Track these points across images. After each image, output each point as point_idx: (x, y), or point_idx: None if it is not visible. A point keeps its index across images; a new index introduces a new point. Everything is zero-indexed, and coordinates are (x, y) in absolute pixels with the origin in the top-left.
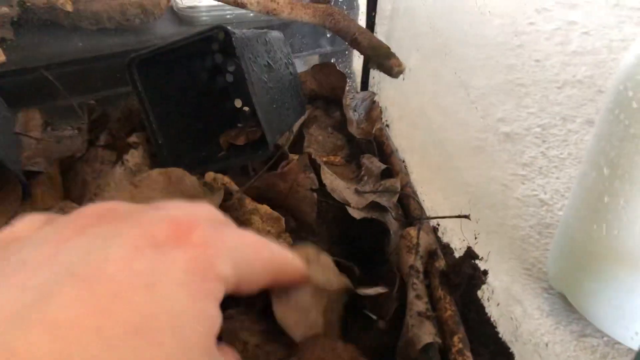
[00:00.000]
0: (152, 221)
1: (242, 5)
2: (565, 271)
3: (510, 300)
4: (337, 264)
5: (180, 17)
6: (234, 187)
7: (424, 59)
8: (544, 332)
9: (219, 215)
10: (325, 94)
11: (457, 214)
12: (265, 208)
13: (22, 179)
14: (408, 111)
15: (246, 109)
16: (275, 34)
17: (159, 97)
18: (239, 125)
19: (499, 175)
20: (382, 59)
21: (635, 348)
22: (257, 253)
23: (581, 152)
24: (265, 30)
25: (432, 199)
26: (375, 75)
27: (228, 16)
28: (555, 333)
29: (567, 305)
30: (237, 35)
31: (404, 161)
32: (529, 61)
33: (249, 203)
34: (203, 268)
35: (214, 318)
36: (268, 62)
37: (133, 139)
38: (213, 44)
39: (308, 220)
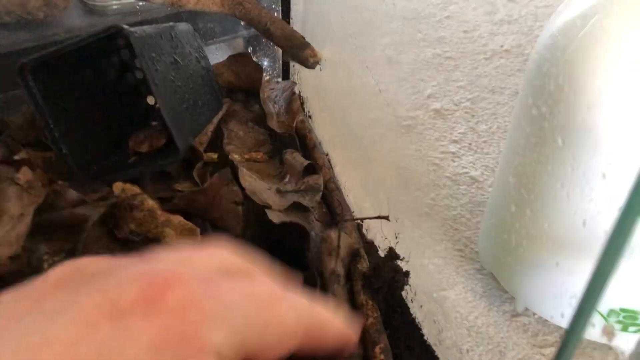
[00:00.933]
0: (120, 282)
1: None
2: (493, 251)
3: (444, 284)
4: None
5: (89, 7)
6: (145, 198)
7: (351, 43)
8: (478, 314)
9: (237, 262)
10: (244, 86)
11: (379, 209)
12: (178, 219)
13: None
14: (329, 101)
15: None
16: (183, 26)
17: (61, 101)
18: (154, 123)
19: (430, 154)
20: (296, 50)
21: (564, 326)
22: (269, 309)
23: (510, 125)
24: (171, 24)
25: (355, 193)
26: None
27: (138, 5)
28: (488, 315)
29: (499, 286)
30: (136, 34)
31: (327, 154)
32: (458, 33)
33: (161, 215)
34: (179, 340)
35: None
36: (175, 59)
37: (22, 154)
38: (118, 41)
39: (233, 234)
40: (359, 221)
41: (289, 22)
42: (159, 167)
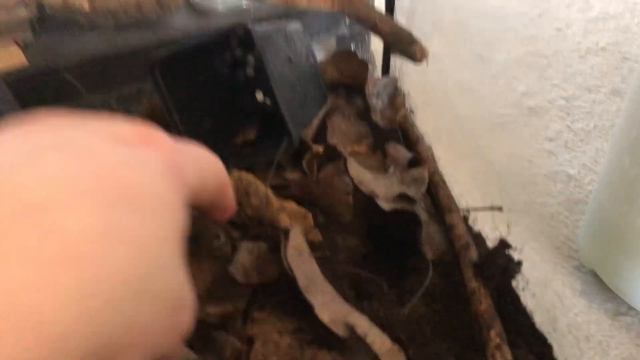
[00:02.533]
0: (116, 124)
1: None
2: (597, 249)
3: (541, 281)
4: (363, 280)
5: (196, 8)
6: (259, 184)
7: (446, 40)
8: (578, 312)
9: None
10: (347, 82)
11: (488, 199)
12: (292, 205)
13: None
14: (432, 96)
15: (268, 101)
16: (295, 25)
17: (181, 94)
18: (262, 117)
19: (525, 152)
20: (404, 46)
21: None
22: (210, 165)
23: (607, 124)
24: (284, 22)
25: (461, 185)
26: (397, 59)
27: (244, 6)
28: (589, 312)
29: (599, 283)
30: (258, 32)
31: (430, 148)
32: (550, 30)
33: (276, 201)
34: (174, 167)
35: (184, 219)
36: (289, 56)
37: None
38: (232, 39)
39: (343, 221)
40: (466, 213)
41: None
42: (271, 157)
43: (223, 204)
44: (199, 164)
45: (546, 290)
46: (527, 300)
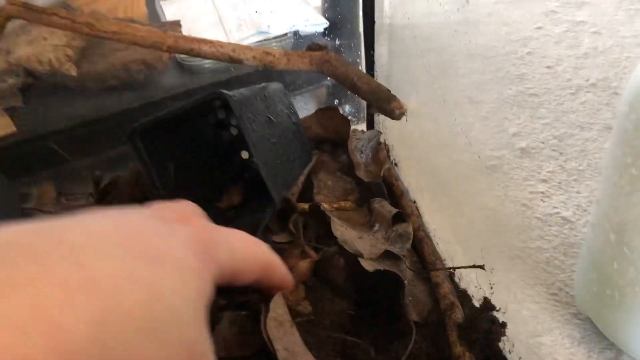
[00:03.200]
0: (158, 208)
1: (239, 61)
2: (591, 296)
3: (540, 330)
4: (349, 345)
5: (183, 66)
6: None
7: (424, 86)
8: None
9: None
10: (331, 137)
11: (470, 256)
12: None
13: None
14: (415, 148)
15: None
16: (275, 86)
17: (164, 160)
18: (247, 175)
19: (519, 195)
20: (382, 103)
21: None
22: (248, 247)
23: (600, 162)
24: (264, 84)
25: (445, 240)
26: None
27: (231, 67)
28: None
29: (598, 331)
30: (235, 98)
31: (414, 202)
32: (540, 68)
33: None
34: (204, 243)
35: (209, 290)
36: (269, 117)
37: None
38: (215, 102)
39: (336, 283)
40: (451, 270)
41: (373, 75)
42: (257, 221)
43: (271, 282)
44: (233, 244)
45: (544, 340)
46: (522, 353)
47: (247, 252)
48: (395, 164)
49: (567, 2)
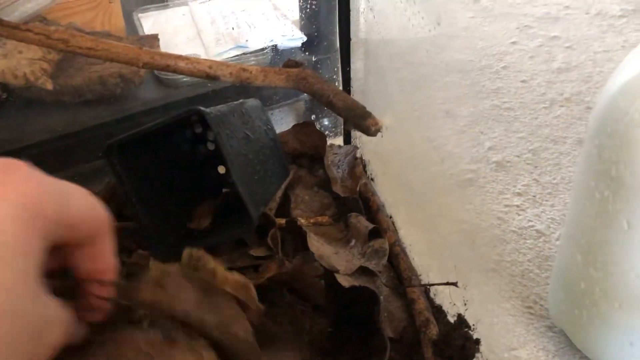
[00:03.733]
0: None
1: (216, 78)
2: (564, 309)
3: (515, 344)
4: None
5: (161, 80)
6: (208, 259)
7: (400, 101)
8: None
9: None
10: (308, 152)
11: (446, 271)
12: (235, 278)
13: None
14: (391, 163)
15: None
16: (252, 102)
17: (140, 175)
18: (224, 190)
19: (494, 208)
20: (358, 120)
21: None
22: (84, 196)
23: (573, 176)
24: (241, 101)
25: (422, 254)
26: None
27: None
28: None
29: (572, 344)
30: (211, 114)
31: (391, 217)
32: (515, 82)
33: (220, 274)
34: (32, 204)
35: (40, 255)
36: (246, 134)
37: None
38: (192, 118)
39: (317, 303)
40: (426, 286)
41: (349, 92)
42: (234, 236)
43: (102, 249)
44: (67, 193)
45: (520, 353)
46: None
47: (82, 201)
48: (372, 179)
49: (541, 17)
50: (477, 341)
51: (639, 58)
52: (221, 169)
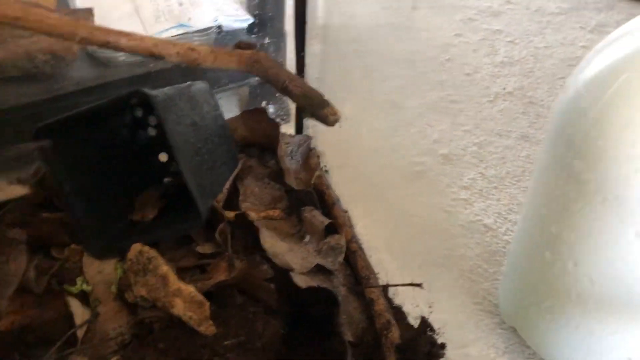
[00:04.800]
0: None
1: (161, 57)
2: (516, 306)
3: (465, 342)
4: None
5: (96, 57)
6: (160, 263)
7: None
8: None
9: None
10: (259, 140)
11: (407, 265)
12: (189, 290)
13: None
14: (346, 154)
15: (174, 164)
16: (200, 85)
17: (74, 162)
18: (166, 180)
19: (442, 201)
20: (315, 108)
21: None
22: None
23: (518, 170)
24: (188, 83)
25: (378, 250)
26: None
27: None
28: None
29: (521, 341)
30: (157, 97)
31: (347, 212)
32: (460, 75)
33: (173, 283)
34: None
35: None
36: (194, 120)
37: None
38: (132, 100)
39: (269, 305)
40: (385, 286)
41: (303, 77)
42: (180, 232)
43: None
44: None
45: (470, 351)
46: None
47: None
48: (326, 171)
49: (483, 11)
50: (443, 346)
51: (598, 59)
52: (163, 157)
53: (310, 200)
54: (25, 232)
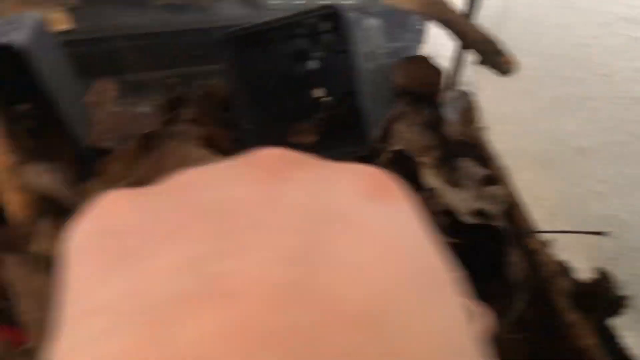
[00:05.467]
0: (347, 169)
1: None
2: None
3: None
4: None
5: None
6: None
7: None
8: None
9: None
10: (415, 89)
11: (579, 229)
12: None
13: (90, 156)
14: (509, 112)
15: (327, 98)
16: (373, 21)
17: (243, 80)
18: (316, 116)
19: (574, 191)
20: (491, 55)
21: None
22: None
23: None
24: (361, 15)
25: (538, 211)
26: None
27: (297, 2)
28: None
29: None
30: (350, 18)
31: (505, 168)
32: (595, 76)
33: None
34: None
35: None
36: (371, 50)
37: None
38: (320, 25)
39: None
40: (548, 239)
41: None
42: (346, 153)
43: None
44: None
45: None
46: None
47: None
48: (485, 127)
49: (623, 17)
50: (625, 297)
51: None
52: (317, 92)
53: (467, 152)
54: (201, 131)
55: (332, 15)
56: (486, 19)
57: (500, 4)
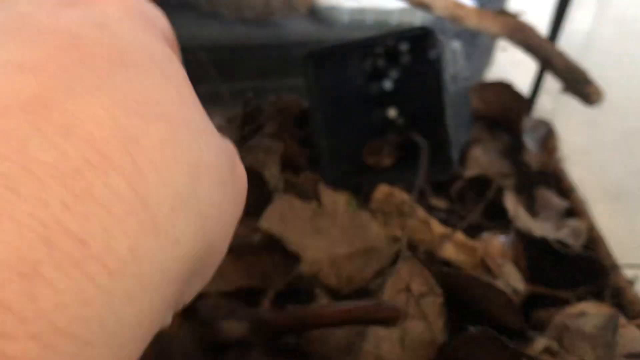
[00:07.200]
0: None
1: (428, 7)
2: None
3: None
4: None
5: (318, 15)
6: (417, 206)
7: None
8: None
9: None
10: (492, 114)
11: None
12: (460, 237)
13: None
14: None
15: (401, 120)
16: (456, 45)
17: (321, 97)
18: (391, 137)
19: None
20: (577, 85)
21: None
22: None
23: None
24: (448, 41)
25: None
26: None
27: (367, 22)
28: None
29: None
30: (443, 42)
31: (585, 201)
32: None
33: (438, 228)
34: (139, 12)
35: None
36: (454, 74)
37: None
38: (402, 45)
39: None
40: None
41: None
42: (429, 177)
43: None
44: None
45: None
46: None
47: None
48: (564, 157)
49: None
50: None
51: None
52: (391, 113)
53: (546, 182)
54: (280, 146)
55: (423, 37)
56: (568, 47)
57: (584, 34)
